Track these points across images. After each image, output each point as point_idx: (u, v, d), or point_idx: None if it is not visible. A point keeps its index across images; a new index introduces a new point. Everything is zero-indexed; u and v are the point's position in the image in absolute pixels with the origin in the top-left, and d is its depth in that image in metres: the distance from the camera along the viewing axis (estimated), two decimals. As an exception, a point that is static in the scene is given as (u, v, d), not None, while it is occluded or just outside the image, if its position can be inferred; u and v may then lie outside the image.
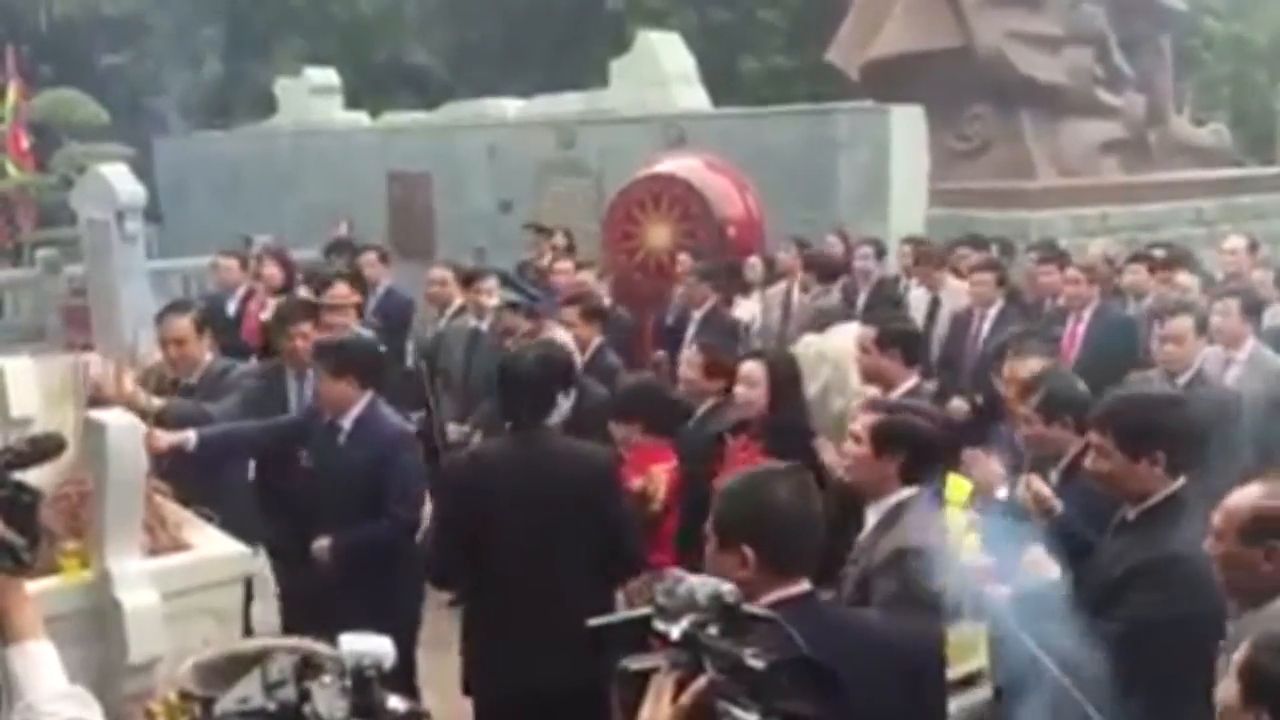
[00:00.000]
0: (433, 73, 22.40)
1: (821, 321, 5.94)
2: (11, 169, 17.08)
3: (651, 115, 13.01)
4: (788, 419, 4.22)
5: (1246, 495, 2.75)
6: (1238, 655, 2.18)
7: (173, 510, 4.06)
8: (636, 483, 4.57)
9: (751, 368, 4.32)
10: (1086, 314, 7.06)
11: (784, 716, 1.60)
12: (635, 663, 1.72)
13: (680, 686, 1.65)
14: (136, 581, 3.52)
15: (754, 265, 9.13)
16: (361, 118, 17.59)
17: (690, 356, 5.08)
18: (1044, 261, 7.94)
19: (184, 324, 5.36)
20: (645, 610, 1.75)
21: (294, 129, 17.29)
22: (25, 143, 17.12)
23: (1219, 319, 5.84)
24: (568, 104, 14.75)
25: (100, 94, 18.09)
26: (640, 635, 1.74)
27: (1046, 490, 3.48)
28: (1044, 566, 3.29)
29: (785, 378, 4.36)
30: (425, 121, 16.57)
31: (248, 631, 4.77)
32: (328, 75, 17.89)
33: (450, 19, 23.27)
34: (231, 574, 3.87)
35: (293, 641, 1.88)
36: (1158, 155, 15.73)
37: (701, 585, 1.70)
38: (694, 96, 13.97)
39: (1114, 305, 7.23)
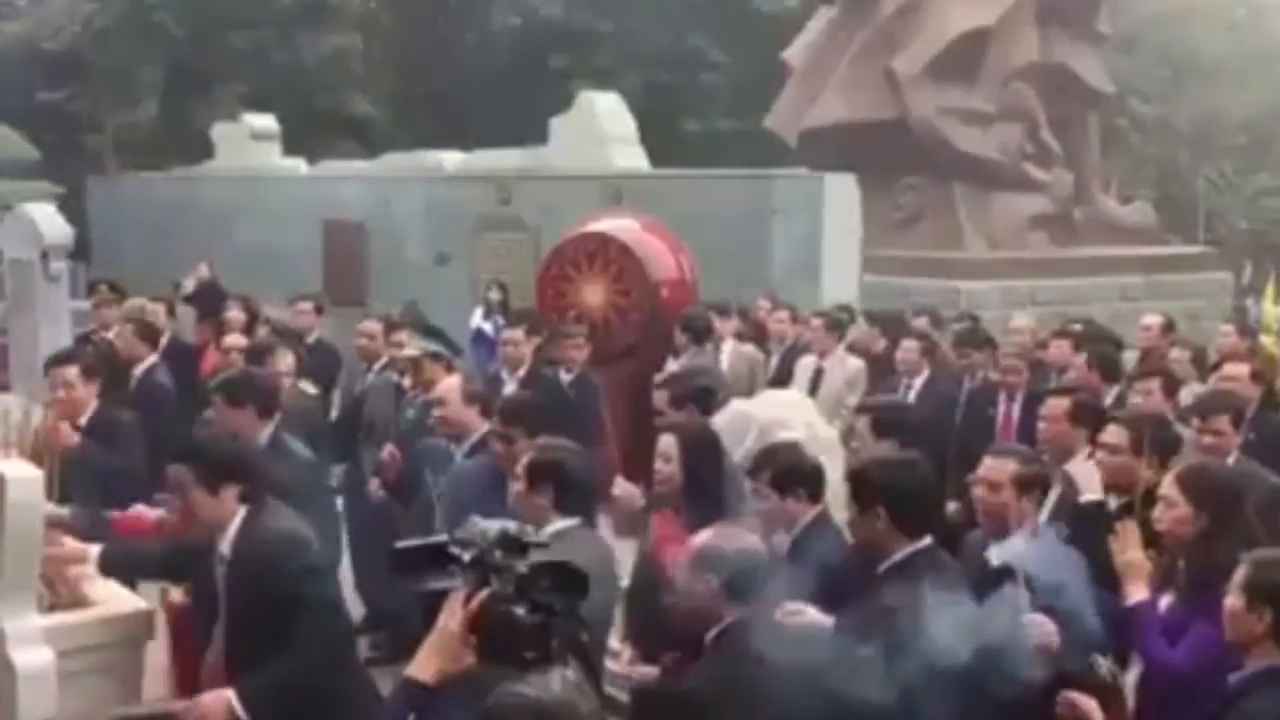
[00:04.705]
0: (374, 123, 22.38)
1: (683, 382, 5.73)
2: (-64, 204, 16.74)
3: (590, 174, 13.05)
4: (704, 490, 4.14)
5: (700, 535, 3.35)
6: (1238, 574, 2.93)
7: (74, 559, 3.93)
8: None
9: (665, 441, 4.28)
10: (1020, 395, 6.66)
11: (545, 607, 2.12)
12: (434, 583, 2.22)
13: (469, 597, 2.17)
14: (31, 639, 3.41)
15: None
16: (299, 164, 17.47)
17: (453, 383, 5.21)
18: (961, 344, 7.73)
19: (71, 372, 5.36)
20: (442, 538, 2.27)
21: (229, 173, 17.13)
22: (-48, 178, 16.81)
23: (1140, 399, 5.87)
24: (507, 159, 14.77)
25: (34, 131, 17.81)
26: (438, 561, 2.24)
27: None
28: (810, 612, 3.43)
29: (699, 449, 4.30)
30: (362, 171, 16.48)
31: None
32: (267, 121, 17.78)
33: (394, 71, 23.34)
34: (133, 632, 3.75)
35: (186, 705, 1.85)
36: (1084, 231, 16.12)
37: (489, 525, 2.23)
38: (633, 156, 14.06)
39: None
